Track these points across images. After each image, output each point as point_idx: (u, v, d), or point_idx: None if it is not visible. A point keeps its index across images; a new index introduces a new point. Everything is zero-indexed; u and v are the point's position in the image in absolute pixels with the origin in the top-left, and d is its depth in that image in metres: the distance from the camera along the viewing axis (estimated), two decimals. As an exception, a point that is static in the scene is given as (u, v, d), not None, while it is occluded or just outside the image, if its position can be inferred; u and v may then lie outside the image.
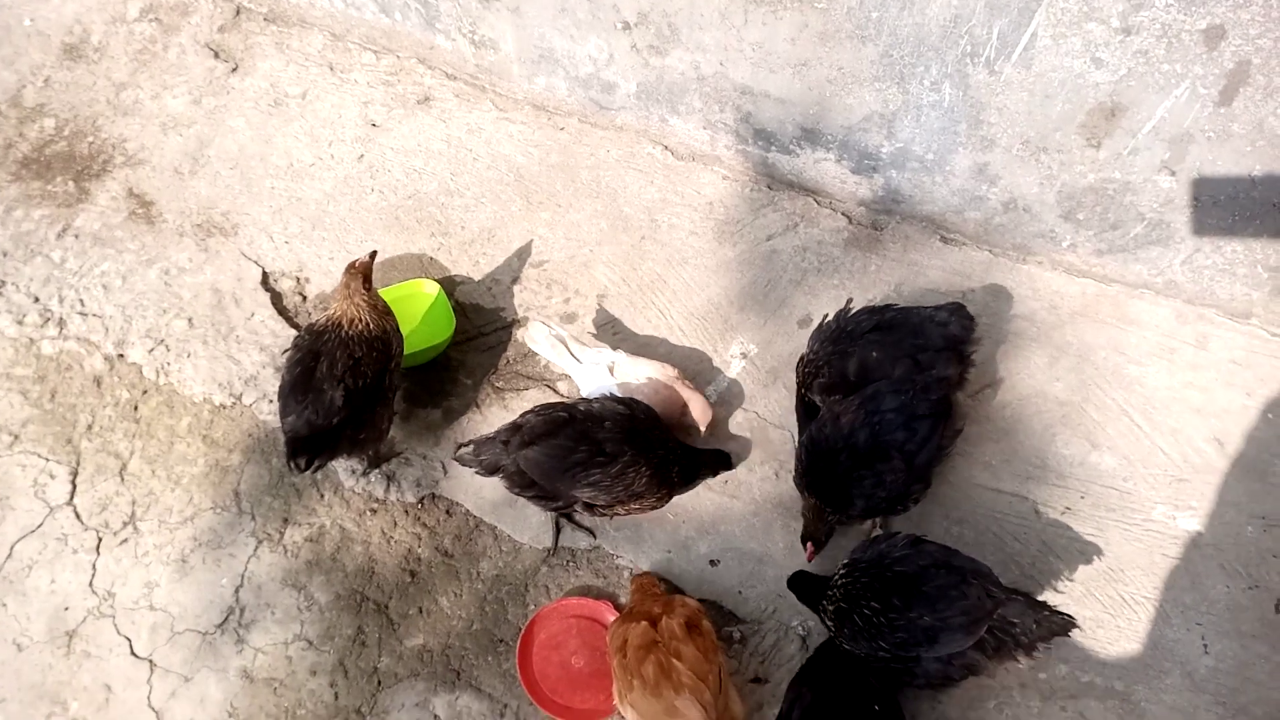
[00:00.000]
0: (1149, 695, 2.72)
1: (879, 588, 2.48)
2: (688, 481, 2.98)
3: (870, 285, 3.42)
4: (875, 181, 3.45)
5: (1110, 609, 2.84)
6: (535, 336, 3.18)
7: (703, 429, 3.08)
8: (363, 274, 2.93)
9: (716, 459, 3.02)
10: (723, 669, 2.56)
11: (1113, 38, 2.69)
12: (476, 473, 2.88)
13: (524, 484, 2.83)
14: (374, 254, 3.02)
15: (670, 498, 2.96)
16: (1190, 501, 2.98)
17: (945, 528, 2.98)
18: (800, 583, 2.75)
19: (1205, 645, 2.77)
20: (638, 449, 2.77)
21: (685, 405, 3.05)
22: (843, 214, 3.59)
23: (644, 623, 2.58)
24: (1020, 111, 3.00)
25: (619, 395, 2.96)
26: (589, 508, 2.87)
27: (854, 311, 2.99)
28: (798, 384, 3.05)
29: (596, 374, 3.08)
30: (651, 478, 2.80)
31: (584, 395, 3.10)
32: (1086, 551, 2.94)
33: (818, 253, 3.50)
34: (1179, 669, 2.75)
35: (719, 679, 2.52)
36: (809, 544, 2.83)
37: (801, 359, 3.02)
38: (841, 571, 2.59)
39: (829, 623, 2.61)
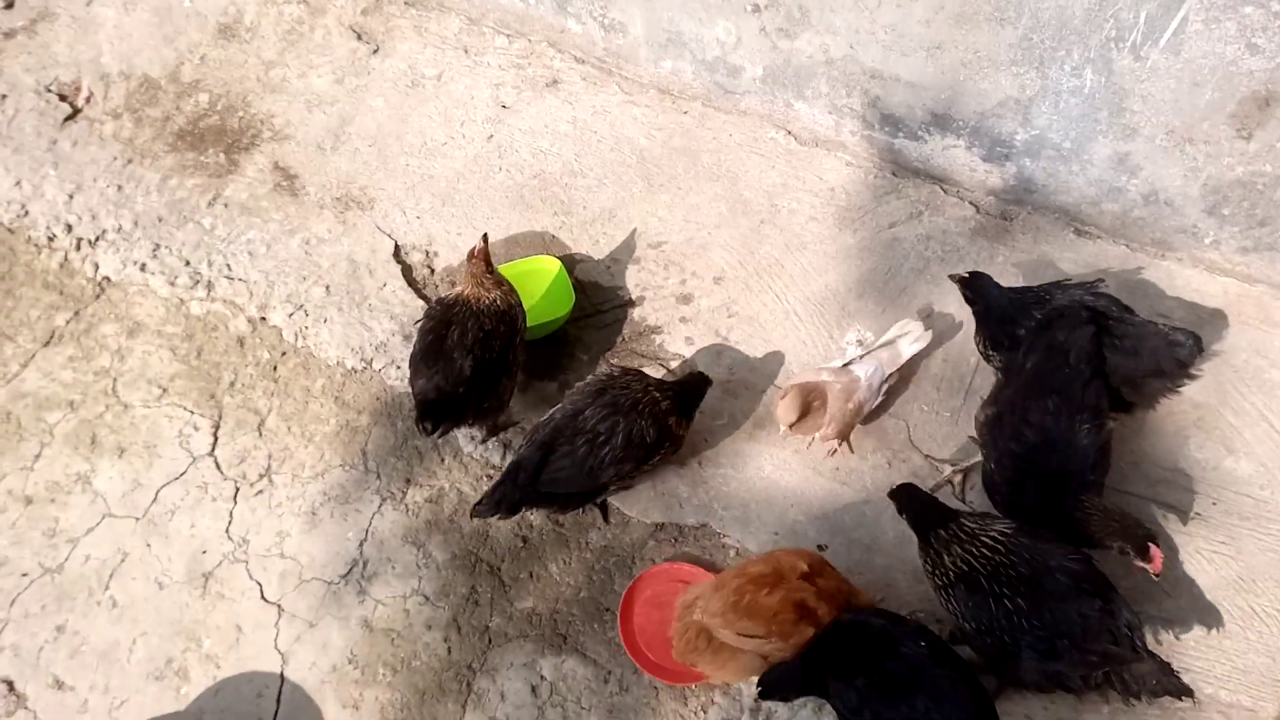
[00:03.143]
0: (1278, 712, 2.59)
1: (1032, 590, 2.40)
2: (686, 414, 3.01)
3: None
4: (1007, 170, 3.37)
5: (1239, 620, 2.72)
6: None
7: (781, 428, 2.96)
8: (483, 259, 3.05)
9: (699, 380, 3.06)
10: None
11: (1271, 22, 2.57)
12: (500, 518, 2.96)
13: (564, 503, 2.96)
14: (485, 236, 3.12)
15: (682, 440, 3.02)
16: (1334, 514, 2.83)
17: (1065, 526, 2.89)
18: (911, 497, 2.66)
19: (1345, 665, 2.63)
20: (623, 413, 2.87)
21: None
22: (970, 203, 3.51)
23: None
24: (1166, 100, 2.88)
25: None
26: (622, 478, 2.96)
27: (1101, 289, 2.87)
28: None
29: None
30: (653, 424, 2.88)
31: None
32: (1216, 560, 2.82)
33: (942, 242, 3.44)
34: (1314, 687, 2.61)
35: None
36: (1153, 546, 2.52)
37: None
38: (993, 535, 2.49)
39: (941, 565, 2.54)
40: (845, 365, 3.04)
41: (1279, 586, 2.76)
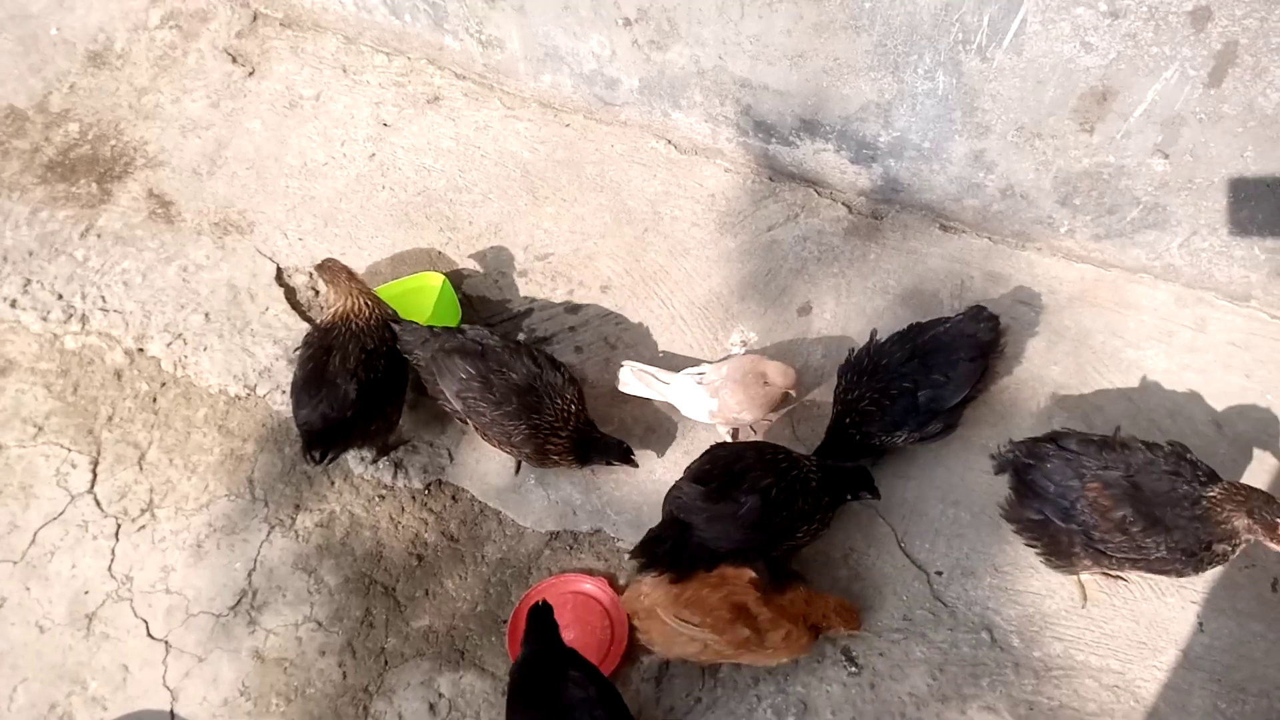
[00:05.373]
0: (1144, 673, 2.73)
1: None
2: (580, 459, 3.00)
3: (870, 273, 3.46)
4: (874, 171, 3.49)
5: (1105, 588, 2.85)
6: (625, 379, 3.14)
7: (793, 392, 3.07)
8: (345, 266, 3.08)
9: (614, 450, 2.99)
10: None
11: (1101, 21, 2.72)
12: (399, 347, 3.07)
13: (431, 381, 3.05)
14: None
15: (557, 465, 3.03)
16: (1188, 483, 2.99)
17: (941, 510, 3.01)
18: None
19: (1201, 624, 2.78)
20: (524, 406, 2.90)
21: (766, 375, 3.00)
22: (843, 204, 3.63)
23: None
24: (1013, 98, 3.03)
25: (711, 405, 2.99)
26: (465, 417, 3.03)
27: (882, 342, 2.99)
28: (836, 414, 3.01)
29: (687, 388, 3.04)
30: (529, 437, 2.91)
31: (685, 414, 3.11)
32: (1083, 533, 2.95)
33: (818, 242, 3.55)
34: (1174, 647, 2.75)
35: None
36: None
37: (839, 390, 3.00)
38: None
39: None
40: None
41: (1141, 554, 2.90)
